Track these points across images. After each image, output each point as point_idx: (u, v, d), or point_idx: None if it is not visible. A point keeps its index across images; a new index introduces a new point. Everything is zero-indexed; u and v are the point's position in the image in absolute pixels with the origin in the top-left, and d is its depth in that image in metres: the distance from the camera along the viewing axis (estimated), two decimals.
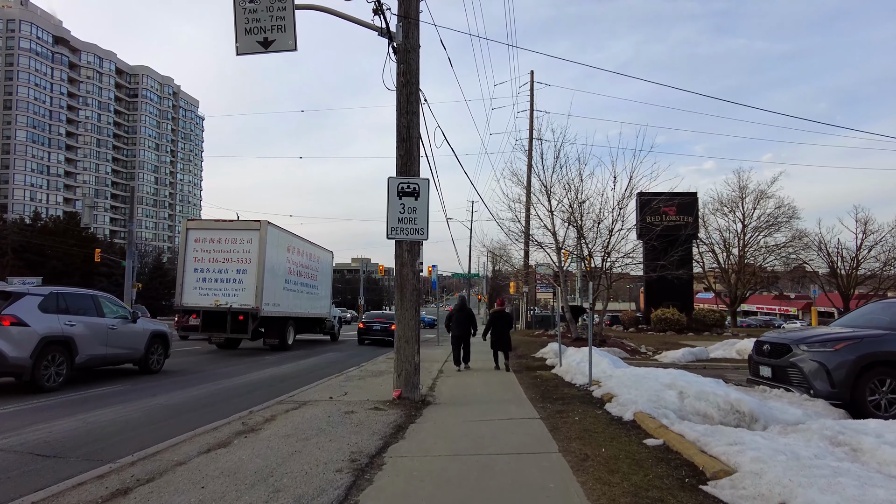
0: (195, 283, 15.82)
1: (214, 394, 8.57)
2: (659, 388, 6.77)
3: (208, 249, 15.87)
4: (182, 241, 16.10)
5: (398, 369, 7.26)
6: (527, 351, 14.56)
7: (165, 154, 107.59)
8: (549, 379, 9.12)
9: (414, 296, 7.30)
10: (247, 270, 15.63)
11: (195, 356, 15.02)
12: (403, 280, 7.30)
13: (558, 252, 16.67)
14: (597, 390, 7.51)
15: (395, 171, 7.54)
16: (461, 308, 12.36)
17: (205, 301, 15.65)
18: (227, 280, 15.73)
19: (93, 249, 52.73)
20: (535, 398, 7.40)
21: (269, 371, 11.84)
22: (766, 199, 31.52)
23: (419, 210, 7.43)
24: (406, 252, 7.36)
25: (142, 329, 10.45)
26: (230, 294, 15.63)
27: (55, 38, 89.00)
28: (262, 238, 15.61)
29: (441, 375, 10.27)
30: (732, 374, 11.36)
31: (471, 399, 7.68)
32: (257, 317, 15.46)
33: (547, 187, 16.50)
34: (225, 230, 16.07)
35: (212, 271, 15.79)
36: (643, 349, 15.34)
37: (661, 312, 24.65)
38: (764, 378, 7.81)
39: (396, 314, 7.32)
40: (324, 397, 7.63)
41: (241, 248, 15.76)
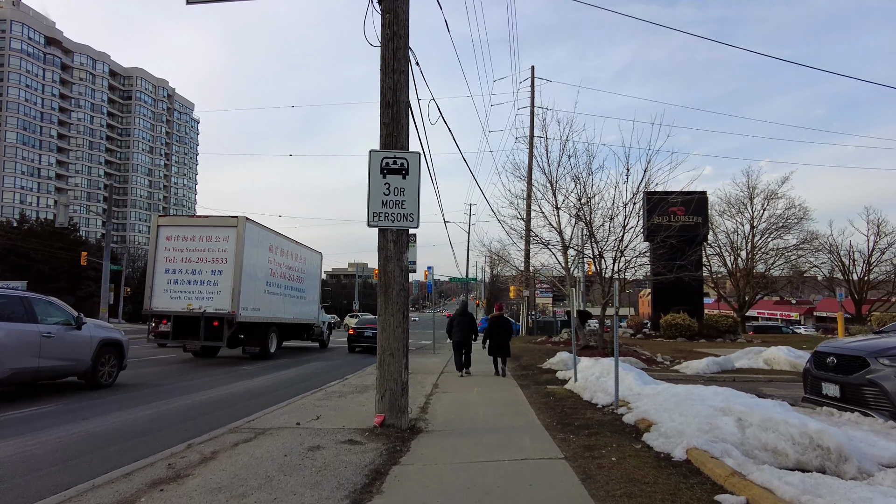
0: (166, 286, 14.33)
1: (161, 416, 7.08)
2: (709, 412, 5.32)
3: (181, 248, 14.40)
4: (152, 240, 14.62)
5: (381, 389, 5.79)
6: (532, 361, 13.08)
7: (159, 157, 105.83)
8: (563, 397, 7.66)
9: (401, 297, 5.85)
10: (223, 271, 14.15)
11: (164, 366, 13.50)
12: (388, 278, 5.84)
13: (564, 252, 15.24)
14: (628, 414, 6.05)
15: (379, 144, 6.11)
16: (462, 313, 12.34)
17: (176, 305, 14.16)
18: (201, 282, 14.24)
19: (80, 253, 51.14)
20: (551, 425, 5.94)
21: (241, 385, 10.34)
22: (775, 199, 30.21)
23: (408, 191, 5.99)
24: (392, 243, 5.91)
25: (88, 337, 8.94)
26: (204, 297, 14.14)
27: (47, 39, 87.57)
28: (239, 236, 14.14)
29: (436, 391, 8.79)
30: (768, 387, 9.94)
31: (471, 425, 6.21)
32: (234, 322, 13.97)
33: (552, 181, 15.10)
34: (199, 227, 14.59)
35: (184, 272, 14.31)
36: (659, 358, 13.88)
37: (671, 318, 23.23)
38: (829, 398, 6.38)
39: (379, 320, 5.86)
40: (290, 423, 6.15)
41: (217, 246, 14.28)
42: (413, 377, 10.87)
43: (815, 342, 21.60)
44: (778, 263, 31.52)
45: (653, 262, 18.35)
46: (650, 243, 18.90)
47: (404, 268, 5.95)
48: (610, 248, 13.69)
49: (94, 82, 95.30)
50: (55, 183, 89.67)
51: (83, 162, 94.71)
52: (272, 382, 10.83)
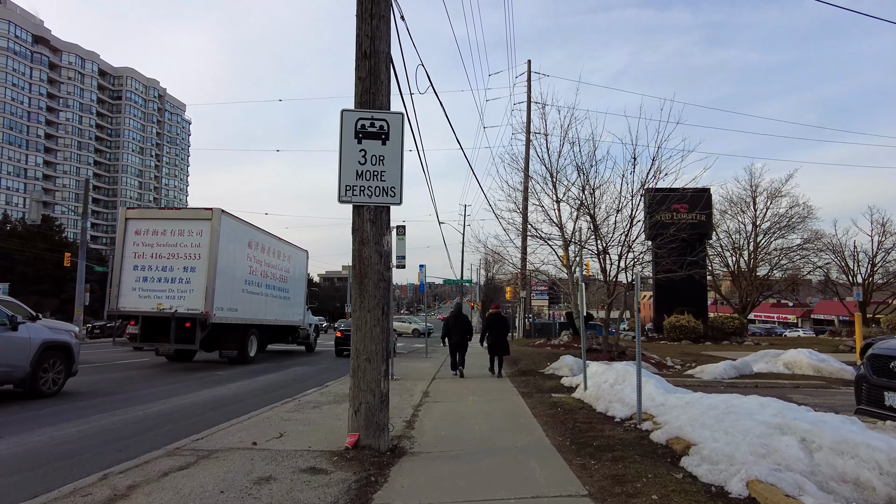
0: (134, 284, 13.18)
1: (99, 432, 5.95)
2: (761, 430, 4.27)
3: (151, 243, 13.26)
4: (120, 234, 13.45)
5: (355, 402, 4.70)
6: (533, 365, 12.01)
7: (150, 158, 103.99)
8: (573, 408, 6.58)
9: (380, 290, 4.75)
10: (196, 268, 13.02)
11: (132, 371, 12.33)
12: (364, 266, 4.76)
13: (566, 248, 14.21)
14: (656, 431, 4.99)
15: (354, 104, 5.04)
16: (457, 315, 12.42)
17: (145, 304, 13.02)
18: (172, 280, 13.10)
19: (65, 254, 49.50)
20: (564, 445, 4.86)
21: (208, 393, 9.20)
22: (779, 197, 29.34)
23: (388, 160, 4.93)
24: (368, 223, 4.82)
25: (25, 339, 7.78)
26: (176, 296, 13.01)
27: (35, 38, 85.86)
28: (214, 229, 13.02)
29: (426, 401, 7.69)
30: (796, 394, 8.92)
31: (466, 445, 5.12)
32: (207, 323, 12.84)
33: (552, 172, 14.08)
34: (170, 220, 13.48)
35: (155, 269, 13.17)
36: (669, 362, 12.88)
37: (675, 319, 22.27)
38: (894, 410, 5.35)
39: (353, 318, 4.77)
40: (245, 442, 5.04)
41: (190, 241, 13.16)
42: (401, 384, 9.83)
43: (825, 345, 20.67)
44: (781, 264, 30.62)
45: (656, 261, 17.40)
46: (652, 242, 17.96)
47: (384, 253, 4.87)
48: (616, 242, 12.66)
49: (82, 82, 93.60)
50: (42, 184, 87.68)
51: (71, 162, 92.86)
52: (244, 390, 9.70)
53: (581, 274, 10.23)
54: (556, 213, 14.17)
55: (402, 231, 11.09)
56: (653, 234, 17.92)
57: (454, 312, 12.52)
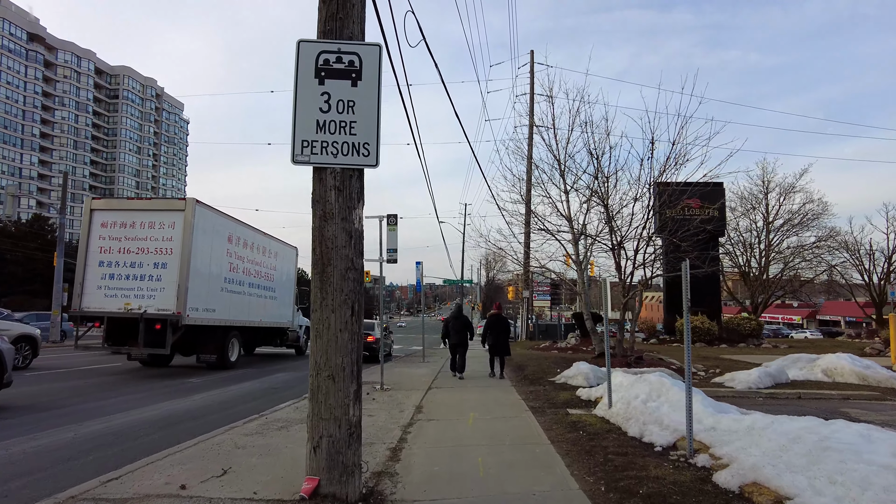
0: (100, 281, 11.91)
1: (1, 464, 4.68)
2: (884, 478, 3.00)
3: (118, 237, 12.00)
4: (84, 226, 12.19)
5: (314, 434, 3.42)
6: (541, 372, 10.77)
7: (147, 157, 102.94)
8: (598, 430, 5.30)
9: (349, 283, 3.46)
10: (167, 264, 11.76)
11: (90, 379, 11.03)
12: (327, 250, 3.47)
13: (575, 243, 12.96)
14: (721, 472, 3.72)
15: (316, 34, 3.78)
16: (457, 316, 12.30)
17: (112, 304, 11.76)
18: (141, 277, 11.84)
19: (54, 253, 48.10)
20: (598, 491, 3.59)
21: (167, 406, 7.92)
22: (793, 193, 28.02)
23: (361, 107, 3.67)
24: (333, 192, 3.53)
25: None
26: (146, 295, 11.74)
27: (30, 36, 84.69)
28: (187, 222, 11.75)
29: (418, 419, 6.39)
30: (850, 408, 7.65)
31: (467, 489, 3.84)
32: (180, 325, 11.56)
33: (560, 160, 12.83)
34: (140, 211, 12.24)
35: (122, 265, 11.91)
36: (692, 369, 11.55)
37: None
38: None
39: (313, 320, 3.48)
40: (172, 484, 3.78)
41: (162, 234, 11.90)
42: (390, 396, 8.52)
43: (848, 347, 19.33)
44: (794, 262, 29.30)
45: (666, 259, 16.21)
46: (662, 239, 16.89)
47: (355, 233, 3.58)
48: (632, 236, 11.40)
49: (79, 80, 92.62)
50: (37, 183, 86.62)
51: (67, 162, 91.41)
52: (211, 402, 8.43)
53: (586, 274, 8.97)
54: (565, 204, 12.93)
55: (394, 221, 9.80)
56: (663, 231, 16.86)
57: (454, 313, 12.55)
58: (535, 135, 15.08)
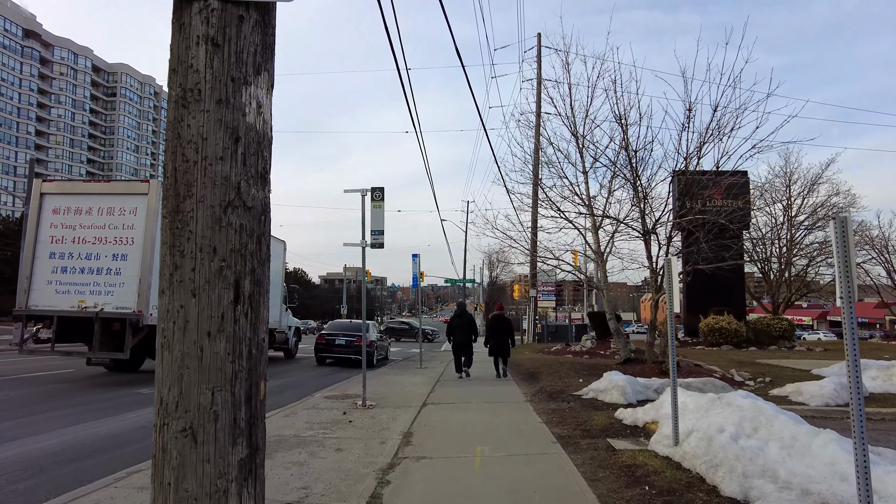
0: (51, 276, 10.44)
1: None
2: None
3: (72, 224, 10.52)
4: (33, 212, 10.75)
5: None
6: (560, 383, 9.10)
7: (146, 156, 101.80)
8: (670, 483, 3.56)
9: (232, 234, 1.67)
10: (128, 256, 10.28)
11: (29, 388, 9.44)
12: (185, 165, 1.65)
13: (595, 231, 11.41)
14: None
15: None
16: (461, 314, 12.25)
17: (64, 302, 10.29)
18: (98, 270, 10.35)
19: None
20: None
21: (83, 429, 6.20)
22: (819, 184, 26.21)
23: None
24: (203, 48, 1.67)
25: None
26: (102, 291, 10.25)
27: (25, 32, 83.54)
28: (151, 207, 10.24)
29: (406, 454, 4.75)
30: None
31: None
32: (141, 325, 10.04)
33: (579, 136, 11.28)
34: (98, 195, 10.77)
35: (76, 257, 10.43)
36: (735, 375, 9.95)
37: (714, 321, 19.08)
38: None
39: (160, 309, 1.69)
40: None
41: (122, 221, 10.42)
42: (373, 416, 6.53)
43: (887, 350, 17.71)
44: (819, 260, 27.48)
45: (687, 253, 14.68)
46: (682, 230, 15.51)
47: (248, 135, 1.70)
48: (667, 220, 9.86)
49: (75, 77, 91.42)
50: None
51: (63, 160, 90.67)
52: (146, 422, 6.67)
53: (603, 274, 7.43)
54: (583, 186, 11.37)
55: (380, 195, 7.50)
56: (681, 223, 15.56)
57: (458, 311, 12.59)
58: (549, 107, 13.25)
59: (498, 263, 64.34)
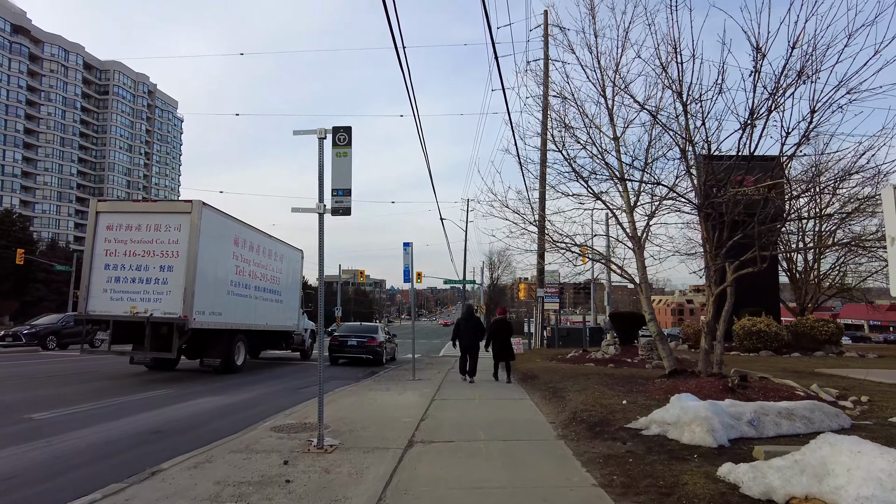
0: (105, 285, 12.46)
1: None
2: None
3: (124, 240, 12.53)
4: (90, 229, 12.75)
5: None
6: (597, 406, 7.15)
7: (139, 156, 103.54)
8: None
9: None
10: (173, 267, 12.29)
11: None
12: None
13: (630, 210, 10.16)
14: None
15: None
16: (468, 317, 12.73)
17: (118, 308, 12.30)
18: (147, 280, 12.37)
19: (35, 253, 48.01)
20: None
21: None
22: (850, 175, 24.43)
23: None
24: None
25: None
26: (152, 298, 12.27)
27: (14, 27, 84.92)
28: (194, 224, 12.26)
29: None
30: None
31: None
32: (186, 329, 12.07)
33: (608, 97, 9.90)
34: (146, 213, 12.83)
35: (128, 268, 12.45)
36: (821, 394, 7.85)
37: (750, 323, 17.70)
38: None
39: None
40: None
41: (167, 237, 12.42)
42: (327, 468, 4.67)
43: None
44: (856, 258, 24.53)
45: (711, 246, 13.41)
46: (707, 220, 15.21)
47: None
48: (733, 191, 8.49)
49: (66, 75, 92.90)
50: (21, 181, 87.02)
51: (53, 159, 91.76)
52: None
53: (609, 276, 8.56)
54: (615, 155, 10.08)
55: (346, 139, 5.69)
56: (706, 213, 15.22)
57: (465, 314, 13.00)
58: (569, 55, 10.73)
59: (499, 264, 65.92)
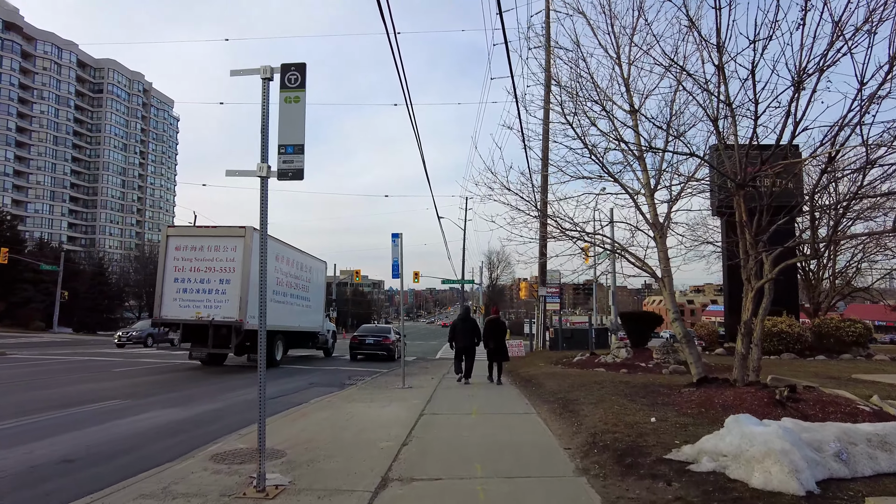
0: (175, 294, 16.01)
1: None
2: None
3: (189, 258, 16.08)
4: (161, 250, 16.30)
5: None
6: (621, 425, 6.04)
7: (134, 155, 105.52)
8: None
9: None
10: (230, 280, 15.83)
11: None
12: None
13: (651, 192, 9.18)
14: None
15: None
16: (465, 319, 13.12)
17: (186, 313, 15.84)
18: (209, 290, 15.92)
19: (21, 253, 47.59)
20: None
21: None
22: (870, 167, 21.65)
23: None
24: None
25: None
26: (213, 306, 15.81)
27: (6, 24, 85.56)
28: (247, 245, 15.80)
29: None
30: None
31: None
32: (241, 330, 15.60)
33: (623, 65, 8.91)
34: (207, 237, 16.31)
35: (193, 281, 15.99)
36: (887, 407, 6.66)
37: (769, 323, 16.87)
38: None
39: None
40: None
41: (225, 256, 15.97)
42: None
43: None
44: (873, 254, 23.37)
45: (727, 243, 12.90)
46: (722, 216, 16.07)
47: None
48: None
49: (59, 73, 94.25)
50: (13, 180, 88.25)
51: (46, 158, 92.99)
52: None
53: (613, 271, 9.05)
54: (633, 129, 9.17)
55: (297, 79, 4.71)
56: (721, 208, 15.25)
57: (462, 315, 13.41)
58: None
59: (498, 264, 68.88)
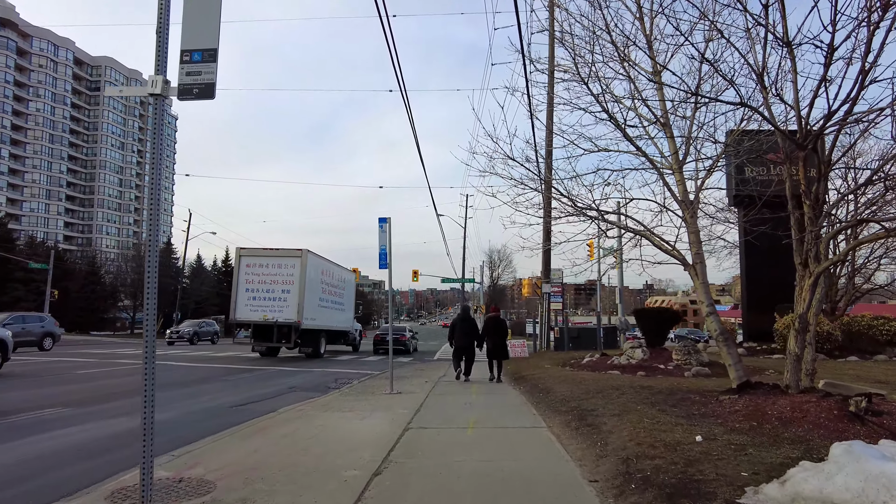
0: (246, 301, 21.40)
1: None
2: None
3: (258, 273, 21.48)
4: (235, 266, 21.78)
5: None
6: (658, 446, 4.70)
7: (131, 154, 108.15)
8: None
9: None
10: (290, 290, 21.24)
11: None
12: None
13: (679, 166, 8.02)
14: None
15: None
16: (464, 318, 13.58)
17: (255, 316, 21.25)
18: (273, 298, 21.33)
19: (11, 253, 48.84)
20: None
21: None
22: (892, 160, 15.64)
23: None
24: None
25: None
26: (276, 310, 21.21)
27: (0, 21, 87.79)
28: (303, 264, 21.21)
29: None
30: None
31: None
32: (298, 329, 21.04)
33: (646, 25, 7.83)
34: (271, 257, 21.71)
35: (260, 291, 21.39)
36: None
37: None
38: None
39: None
40: None
41: (286, 271, 21.37)
42: None
43: None
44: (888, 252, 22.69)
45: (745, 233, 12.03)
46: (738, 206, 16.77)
47: None
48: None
49: (55, 70, 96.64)
50: (8, 178, 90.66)
51: (42, 157, 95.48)
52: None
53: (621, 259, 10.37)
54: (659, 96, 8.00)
55: None
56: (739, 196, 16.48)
57: (461, 314, 13.79)
58: None
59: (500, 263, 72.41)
